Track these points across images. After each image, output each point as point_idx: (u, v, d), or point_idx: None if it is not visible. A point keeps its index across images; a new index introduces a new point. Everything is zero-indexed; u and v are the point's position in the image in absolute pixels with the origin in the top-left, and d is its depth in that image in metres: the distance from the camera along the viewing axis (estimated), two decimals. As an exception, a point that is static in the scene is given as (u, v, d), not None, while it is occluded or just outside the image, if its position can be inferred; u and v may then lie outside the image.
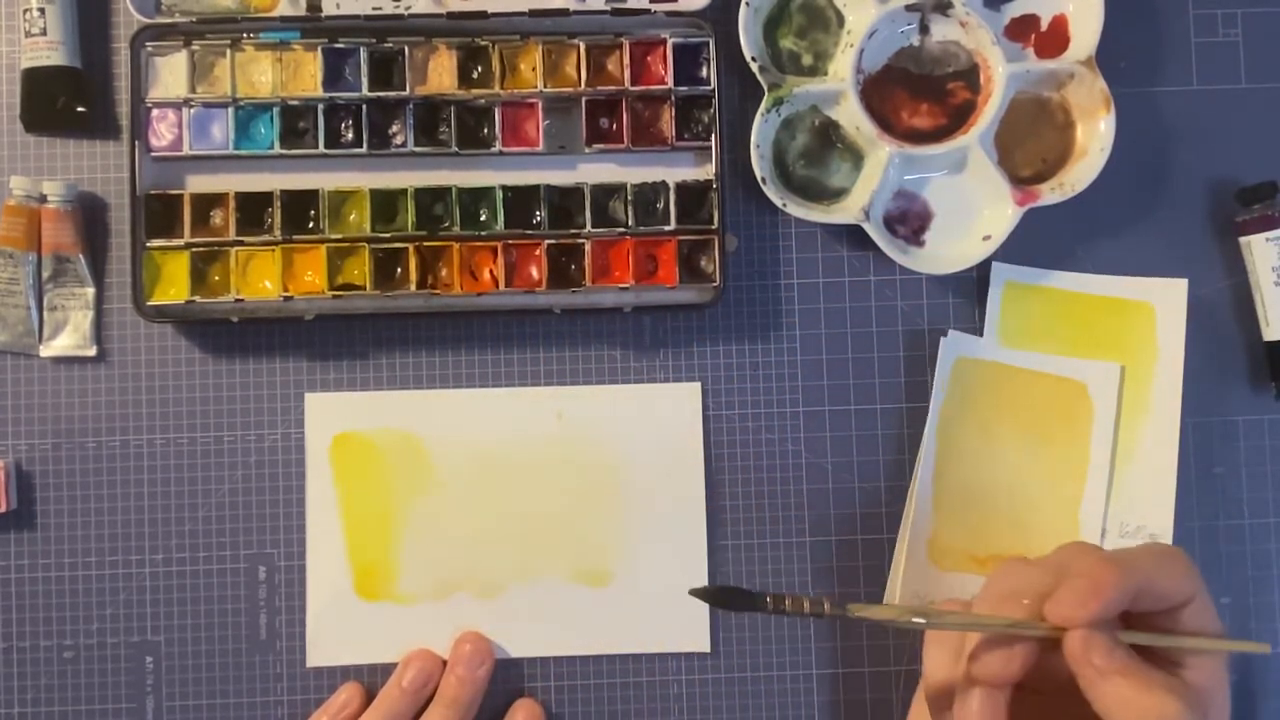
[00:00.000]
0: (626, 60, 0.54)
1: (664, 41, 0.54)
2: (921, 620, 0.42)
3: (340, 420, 0.55)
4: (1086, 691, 0.40)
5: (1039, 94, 0.55)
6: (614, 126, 0.55)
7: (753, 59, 0.54)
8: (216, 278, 0.53)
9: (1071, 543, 0.44)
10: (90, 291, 0.54)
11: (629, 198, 0.54)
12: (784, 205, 0.53)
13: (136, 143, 0.53)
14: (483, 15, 0.53)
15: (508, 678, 0.54)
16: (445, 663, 0.53)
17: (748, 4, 0.53)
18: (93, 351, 0.54)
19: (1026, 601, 0.41)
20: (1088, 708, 0.40)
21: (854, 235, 0.56)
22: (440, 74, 0.54)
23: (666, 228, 0.54)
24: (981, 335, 0.56)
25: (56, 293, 0.54)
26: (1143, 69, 0.57)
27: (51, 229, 0.53)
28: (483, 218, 0.54)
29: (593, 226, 0.54)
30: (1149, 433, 0.55)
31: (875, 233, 0.53)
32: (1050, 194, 0.54)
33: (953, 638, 0.45)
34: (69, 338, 0.54)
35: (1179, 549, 0.43)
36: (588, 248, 0.54)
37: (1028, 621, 0.41)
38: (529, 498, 0.54)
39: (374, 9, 0.53)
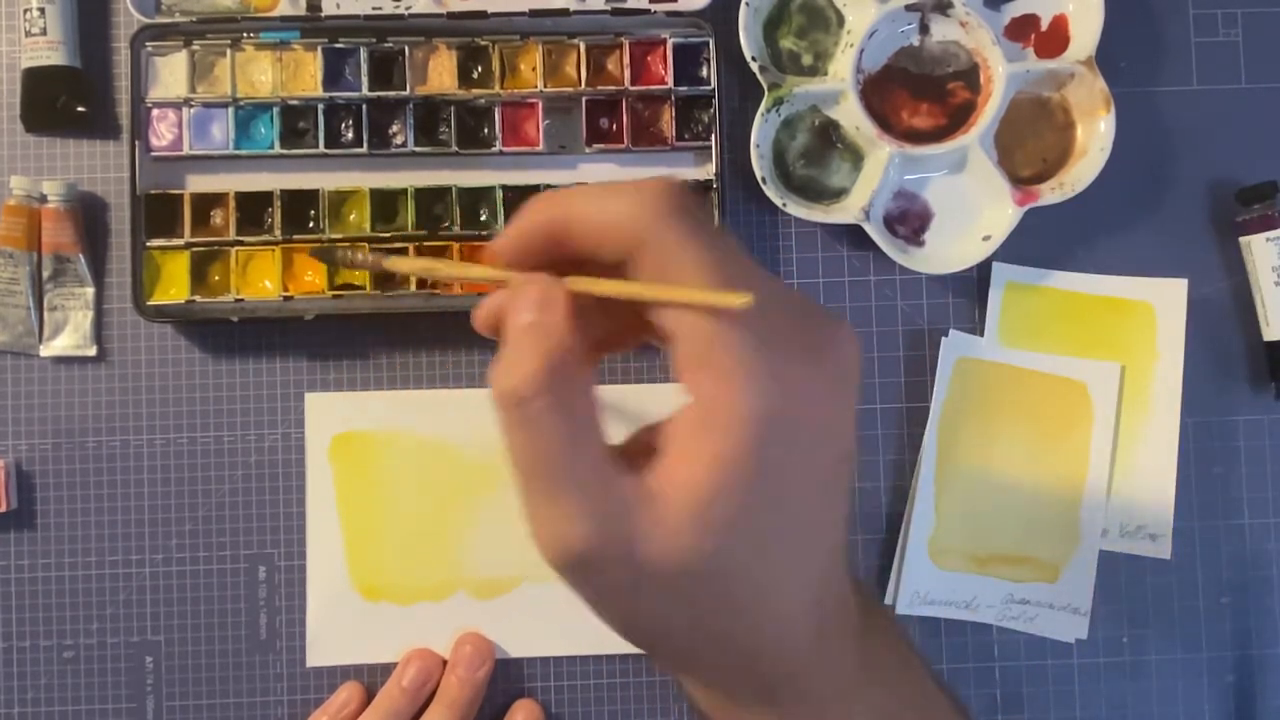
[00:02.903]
0: (626, 60, 0.54)
1: (664, 41, 0.54)
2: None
3: (340, 420, 0.54)
4: None
5: (1039, 94, 0.55)
6: (614, 126, 0.55)
7: (753, 59, 0.54)
8: (216, 278, 0.53)
9: None
10: (90, 291, 0.54)
11: (629, 198, 0.54)
12: (784, 205, 0.53)
13: (136, 143, 0.53)
14: (483, 15, 0.53)
15: (508, 678, 0.54)
16: (445, 662, 0.53)
17: (748, 4, 0.53)
18: (93, 351, 0.54)
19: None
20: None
21: (854, 235, 0.56)
22: (440, 74, 0.54)
23: (666, 228, 0.54)
24: (982, 335, 0.56)
25: (56, 293, 0.54)
26: (1143, 69, 0.57)
27: (51, 229, 0.53)
28: (483, 218, 0.54)
29: (593, 226, 0.54)
30: (1149, 433, 0.55)
31: (875, 233, 0.53)
32: (1050, 194, 0.54)
33: None
34: (69, 338, 0.54)
35: (659, 183, 0.30)
36: (588, 248, 0.54)
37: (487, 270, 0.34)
38: (529, 498, 0.54)
39: (374, 9, 0.53)
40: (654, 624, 0.30)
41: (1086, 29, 0.54)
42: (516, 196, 0.54)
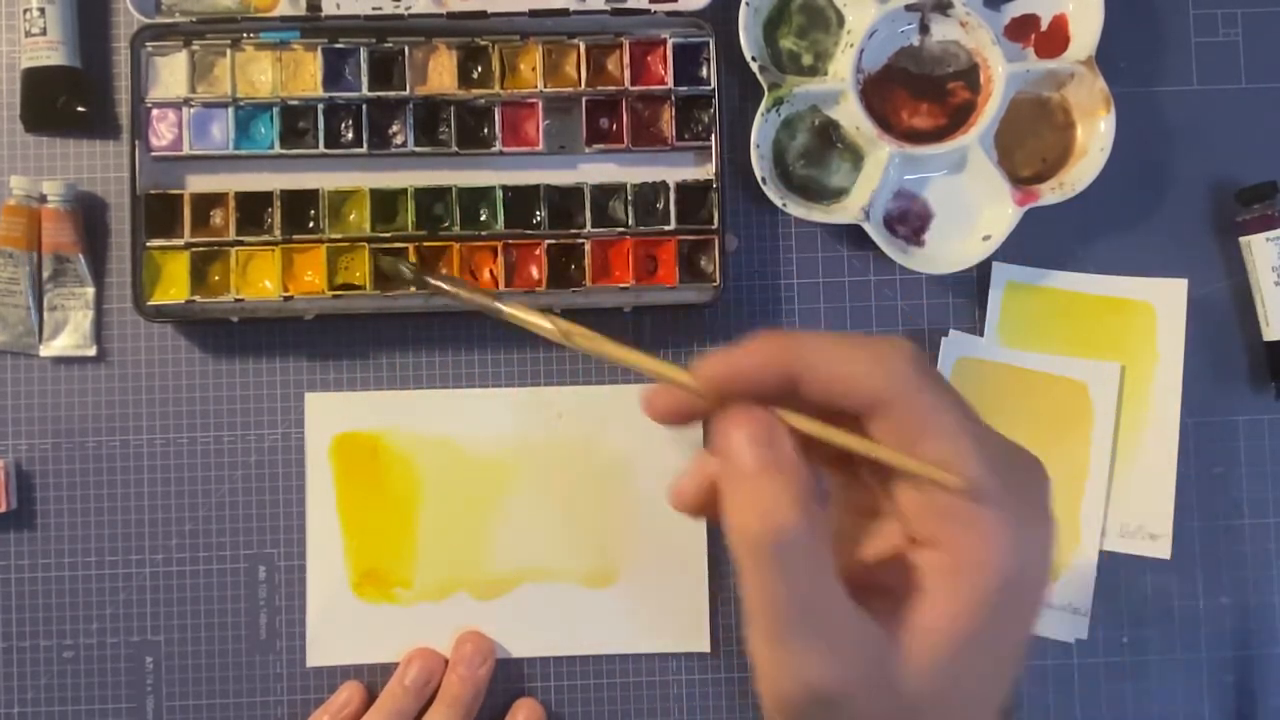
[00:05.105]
0: (626, 60, 0.54)
1: (664, 41, 0.54)
2: (554, 329, 0.36)
3: (340, 420, 0.55)
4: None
5: (1039, 94, 0.55)
6: (614, 126, 0.55)
7: (753, 59, 0.54)
8: (216, 278, 0.53)
9: None
10: (90, 291, 0.54)
11: (629, 198, 0.54)
12: (784, 205, 0.53)
13: (136, 143, 0.53)
14: (483, 15, 0.53)
15: (508, 677, 0.54)
16: (447, 662, 0.53)
17: (748, 4, 0.53)
18: (93, 351, 0.54)
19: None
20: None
21: (854, 235, 0.56)
22: (440, 74, 0.54)
23: (666, 228, 0.54)
24: (982, 335, 0.56)
25: (56, 293, 0.54)
26: (1143, 69, 0.57)
27: (51, 229, 0.53)
28: (483, 218, 0.54)
29: (593, 226, 0.54)
30: (1149, 433, 0.55)
31: (875, 233, 0.53)
32: (1050, 194, 0.54)
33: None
34: (69, 338, 0.54)
35: (902, 344, 0.32)
36: (588, 248, 0.54)
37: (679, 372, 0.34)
38: (529, 498, 0.54)
39: (374, 9, 0.53)
40: None
41: (1086, 29, 0.54)
42: (516, 196, 0.54)
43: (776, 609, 0.30)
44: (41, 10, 0.53)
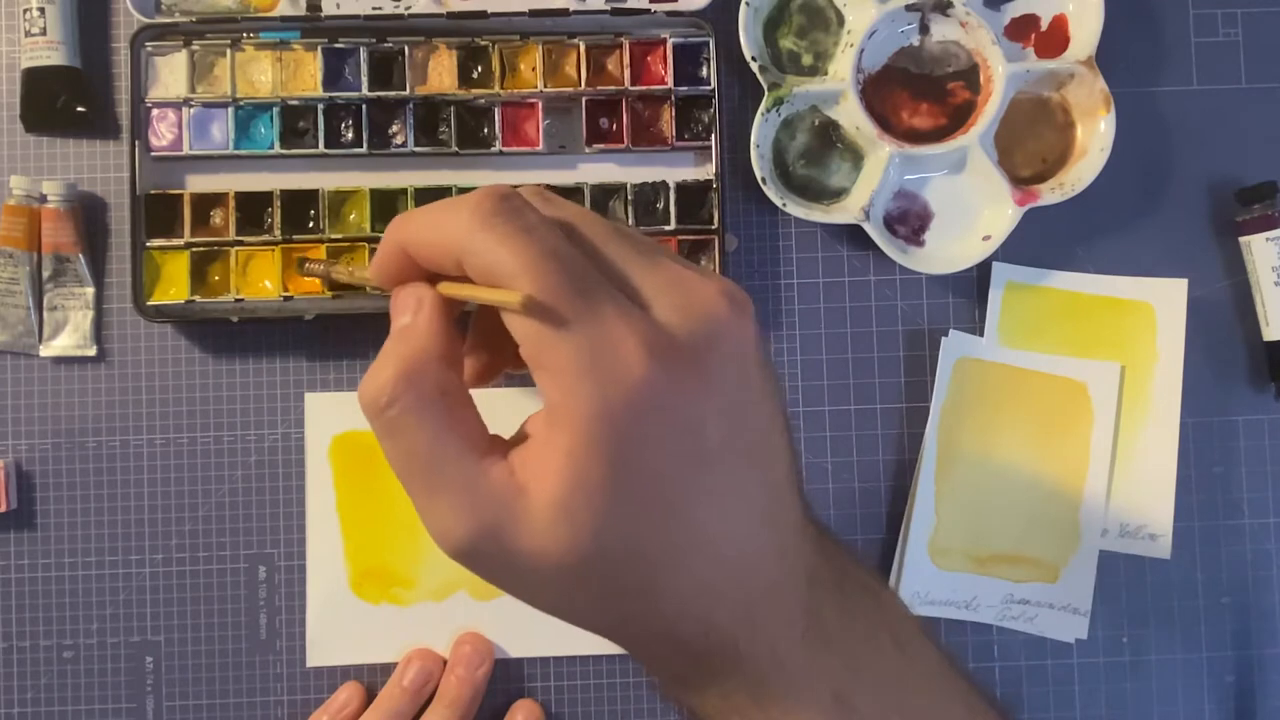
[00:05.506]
0: (626, 60, 0.54)
1: (664, 41, 0.54)
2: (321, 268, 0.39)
3: (340, 420, 0.54)
4: None
5: (1039, 94, 0.55)
6: (614, 126, 0.55)
7: (753, 59, 0.54)
8: (216, 278, 0.53)
9: None
10: (90, 291, 0.54)
11: (629, 198, 0.54)
12: (784, 205, 0.53)
13: (136, 143, 0.53)
14: (483, 15, 0.53)
15: (508, 678, 0.54)
16: (446, 662, 0.53)
17: (748, 4, 0.53)
18: (93, 351, 0.54)
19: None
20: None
21: (854, 235, 0.56)
22: (440, 74, 0.54)
23: (666, 228, 0.54)
24: (981, 335, 0.56)
25: (56, 293, 0.54)
26: (1143, 69, 0.57)
27: (51, 229, 0.53)
28: (483, 218, 0.54)
29: (593, 226, 0.54)
30: (1149, 433, 0.55)
31: (875, 233, 0.53)
32: (1050, 194, 0.54)
33: None
34: (69, 338, 0.54)
35: (474, 193, 0.30)
36: (588, 248, 0.54)
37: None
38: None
39: (374, 9, 0.53)
40: (560, 606, 0.32)
41: (1086, 29, 0.54)
42: (516, 196, 0.54)
43: (402, 465, 0.30)
44: (41, 10, 0.53)
